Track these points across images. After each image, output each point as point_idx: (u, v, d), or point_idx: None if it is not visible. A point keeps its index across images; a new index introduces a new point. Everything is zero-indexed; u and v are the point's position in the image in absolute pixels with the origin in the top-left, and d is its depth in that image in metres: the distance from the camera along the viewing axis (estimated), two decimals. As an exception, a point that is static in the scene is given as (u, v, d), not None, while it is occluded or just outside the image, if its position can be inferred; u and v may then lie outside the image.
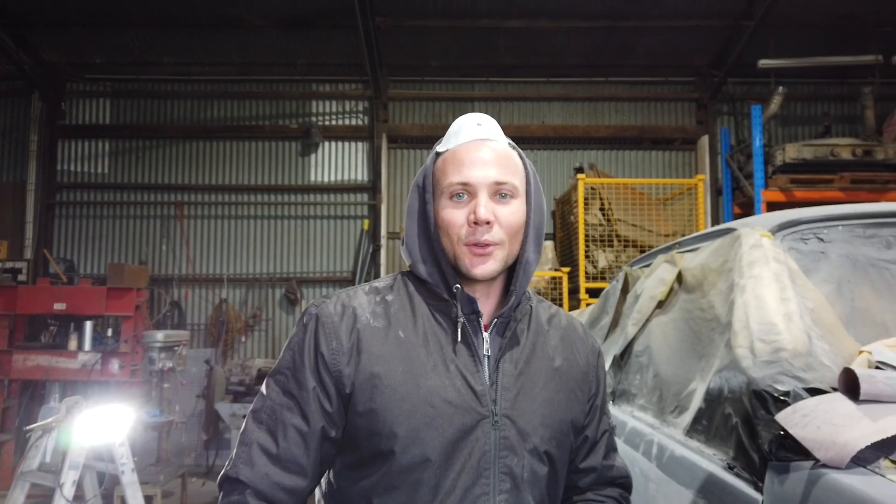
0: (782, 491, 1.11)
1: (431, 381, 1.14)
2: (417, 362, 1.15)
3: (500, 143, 1.26)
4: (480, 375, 1.17)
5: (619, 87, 8.46)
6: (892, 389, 1.11)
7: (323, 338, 1.16)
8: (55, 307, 6.28)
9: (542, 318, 1.32)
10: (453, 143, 1.25)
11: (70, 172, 8.37)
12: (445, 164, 1.23)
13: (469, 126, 1.26)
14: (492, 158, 1.20)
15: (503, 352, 1.21)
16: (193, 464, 7.12)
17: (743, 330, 1.47)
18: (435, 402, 1.12)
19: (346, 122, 8.48)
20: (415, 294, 1.24)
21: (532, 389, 1.21)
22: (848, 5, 7.25)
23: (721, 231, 2.06)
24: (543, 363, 1.25)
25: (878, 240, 1.69)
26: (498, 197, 1.19)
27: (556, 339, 1.31)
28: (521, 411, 1.17)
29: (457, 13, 7.46)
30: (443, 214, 1.20)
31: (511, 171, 1.22)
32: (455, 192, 1.19)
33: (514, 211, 1.20)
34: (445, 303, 1.21)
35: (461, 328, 1.19)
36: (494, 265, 1.18)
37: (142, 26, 7.68)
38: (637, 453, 1.86)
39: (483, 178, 1.18)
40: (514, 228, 1.20)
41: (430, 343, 1.18)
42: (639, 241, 6.66)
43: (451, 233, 1.19)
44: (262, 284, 8.20)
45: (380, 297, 1.24)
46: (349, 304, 1.21)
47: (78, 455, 3.80)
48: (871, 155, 6.73)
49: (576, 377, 1.29)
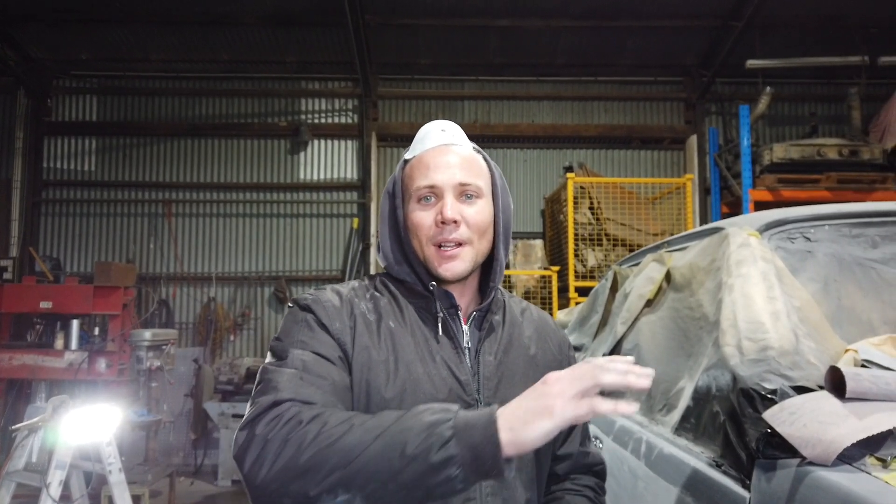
0: (769, 488, 1.12)
1: (420, 369, 1.18)
2: (408, 350, 1.20)
3: (464, 147, 1.31)
4: (463, 366, 1.22)
5: (608, 87, 8.49)
6: (877, 387, 1.12)
7: (326, 318, 1.18)
8: (41, 306, 6.21)
9: (515, 310, 1.39)
10: (419, 149, 1.31)
11: (56, 170, 8.29)
12: (413, 169, 1.29)
13: (433, 133, 1.32)
14: (456, 162, 1.26)
15: (482, 343, 1.26)
16: (181, 463, 7.08)
17: (731, 328, 1.48)
18: (425, 389, 1.16)
19: (335, 120, 8.46)
20: (397, 292, 1.29)
21: (512, 378, 1.25)
22: (835, 7, 7.31)
23: (709, 230, 2.07)
24: (520, 352, 1.31)
25: (864, 239, 1.70)
26: (464, 198, 1.25)
27: (530, 330, 1.37)
28: (503, 399, 1.15)
29: (447, 11, 7.45)
30: (412, 217, 1.26)
31: (475, 173, 1.27)
32: (423, 195, 1.25)
33: (480, 210, 1.26)
34: (426, 299, 1.27)
35: (442, 322, 1.24)
36: (463, 265, 1.24)
37: (129, 22, 7.62)
38: (626, 451, 1.87)
39: (449, 179, 1.24)
40: (480, 227, 1.25)
41: (417, 334, 1.23)
42: (628, 240, 6.69)
43: (420, 234, 1.25)
44: (250, 283, 8.16)
45: (369, 294, 1.28)
46: (344, 295, 1.25)
47: (64, 455, 3.77)
48: (857, 155, 6.79)
49: (550, 365, 1.32)
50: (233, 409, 6.54)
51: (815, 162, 6.78)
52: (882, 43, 7.45)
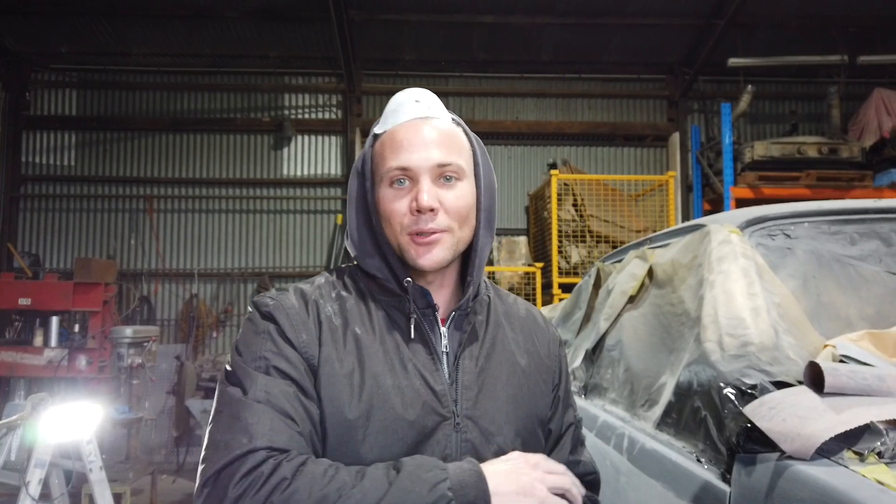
0: (749, 482, 1.14)
1: (390, 381, 1.06)
2: (376, 361, 1.07)
3: (442, 119, 1.16)
4: (440, 374, 1.09)
5: (591, 84, 8.52)
6: (854, 382, 1.13)
7: (291, 330, 1.06)
8: (20, 302, 6.13)
9: (500, 309, 1.25)
10: (391, 122, 1.15)
11: (35, 164, 8.17)
12: (384, 147, 1.13)
13: (407, 103, 1.16)
14: (434, 138, 1.11)
15: (462, 347, 1.13)
16: (163, 461, 7.02)
17: (712, 324, 1.50)
18: (393, 405, 1.04)
19: (319, 115, 8.41)
20: (366, 291, 1.15)
21: (494, 386, 1.13)
22: (815, 6, 7.39)
23: (691, 227, 2.09)
24: (504, 357, 1.18)
25: (843, 236, 1.72)
26: (442, 180, 1.10)
27: (516, 331, 1.24)
28: (483, 411, 1.10)
29: (431, 7, 7.44)
30: (384, 203, 1.11)
31: (455, 151, 1.13)
32: (395, 177, 1.10)
33: (461, 195, 1.11)
34: (398, 297, 1.13)
35: (415, 324, 1.11)
36: (442, 253, 1.10)
37: (110, 15, 7.51)
38: (608, 446, 1.88)
39: (424, 160, 1.09)
40: (461, 213, 1.11)
41: (387, 341, 1.09)
42: (611, 236, 6.73)
43: (393, 222, 1.10)
44: (233, 279, 8.11)
45: (335, 293, 1.14)
46: (310, 296, 1.12)
47: (44, 453, 3.72)
48: (836, 153, 6.87)
49: (538, 369, 1.23)
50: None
51: (795, 160, 6.86)
52: (861, 42, 7.56)
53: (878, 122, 7.48)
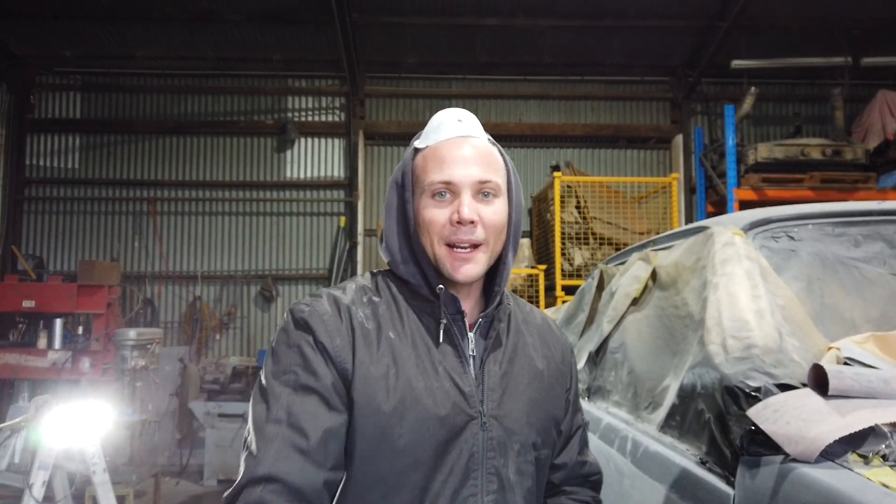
0: (753, 485, 1.13)
1: (421, 383, 1.12)
2: (409, 364, 1.12)
3: (481, 139, 1.23)
4: (467, 376, 1.16)
5: (595, 86, 8.52)
6: (859, 385, 1.13)
7: (325, 335, 1.10)
8: (24, 304, 6.15)
9: (519, 316, 1.32)
10: (433, 139, 1.21)
11: (39, 167, 8.21)
12: (426, 161, 1.19)
13: (450, 122, 1.22)
14: (474, 156, 1.18)
15: (488, 352, 1.20)
16: (167, 463, 7.02)
17: (715, 327, 1.49)
18: (425, 405, 1.10)
19: (322, 118, 8.43)
20: (398, 295, 1.20)
21: (517, 389, 1.20)
22: (818, 8, 7.38)
23: (694, 229, 2.09)
24: (525, 362, 1.24)
25: (847, 238, 1.72)
26: (481, 196, 1.16)
27: (534, 338, 1.30)
28: (507, 411, 1.17)
29: (434, 10, 7.45)
30: (424, 213, 1.17)
31: (494, 169, 1.19)
32: (437, 190, 1.16)
33: (498, 210, 1.18)
34: (429, 303, 1.19)
35: (444, 329, 1.17)
36: (477, 269, 1.16)
37: (114, 19, 7.54)
38: (612, 449, 1.88)
39: (466, 176, 1.15)
40: (497, 228, 1.18)
41: (419, 345, 1.15)
42: (614, 238, 6.72)
43: (431, 233, 1.16)
44: (237, 282, 8.12)
45: (367, 298, 1.19)
46: (343, 302, 1.16)
47: (48, 455, 3.73)
48: (840, 155, 6.85)
49: (555, 374, 1.29)
50: (218, 409, 6.49)
51: (798, 162, 6.84)
52: (865, 44, 7.54)
53: (882, 124, 7.46)
